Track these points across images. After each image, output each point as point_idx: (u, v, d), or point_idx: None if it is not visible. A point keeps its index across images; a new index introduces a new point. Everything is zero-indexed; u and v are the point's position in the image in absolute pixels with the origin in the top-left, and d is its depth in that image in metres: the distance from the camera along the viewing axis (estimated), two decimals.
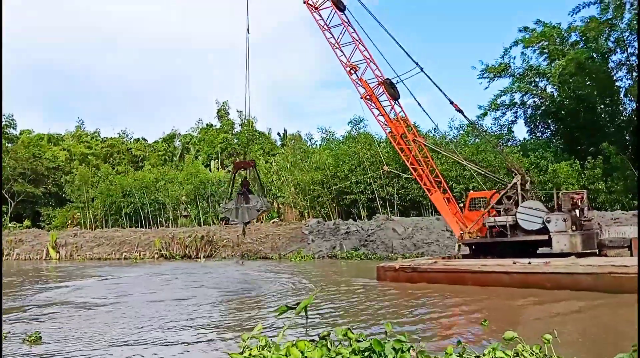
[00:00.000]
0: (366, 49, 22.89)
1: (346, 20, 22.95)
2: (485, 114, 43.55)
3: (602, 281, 15.44)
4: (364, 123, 43.62)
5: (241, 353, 5.56)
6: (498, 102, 42.45)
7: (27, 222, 54.27)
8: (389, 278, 19.66)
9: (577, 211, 20.56)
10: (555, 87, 41.88)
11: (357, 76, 23.08)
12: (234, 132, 72.08)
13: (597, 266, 16.21)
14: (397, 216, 39.67)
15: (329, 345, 6.70)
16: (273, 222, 43.24)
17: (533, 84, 42.09)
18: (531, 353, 7.22)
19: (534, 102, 43.04)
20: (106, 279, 23.57)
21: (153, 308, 14.12)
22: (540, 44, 40.75)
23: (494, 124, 45.82)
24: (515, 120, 44.06)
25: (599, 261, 17.35)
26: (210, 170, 57.78)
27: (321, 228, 35.37)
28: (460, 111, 25.55)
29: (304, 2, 23.33)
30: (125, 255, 36.31)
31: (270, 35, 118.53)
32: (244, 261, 31.43)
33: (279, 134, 79.31)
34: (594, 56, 38.33)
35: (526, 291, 15.48)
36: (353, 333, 6.90)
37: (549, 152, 39.12)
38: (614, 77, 39.59)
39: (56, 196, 58.81)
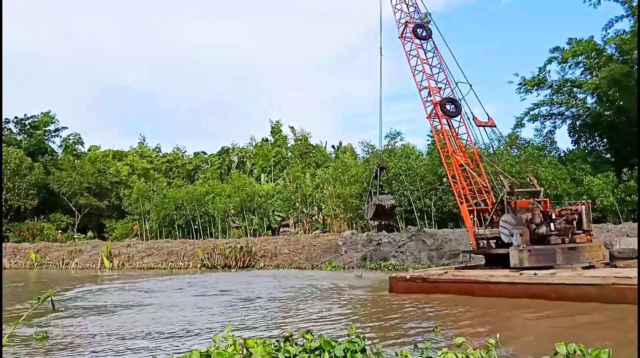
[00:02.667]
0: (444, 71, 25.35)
1: (432, 48, 25.53)
2: (520, 124, 43.34)
3: (606, 293, 15.76)
4: (400, 137, 44.28)
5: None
6: (534, 114, 42.18)
7: (90, 233, 58.22)
8: (401, 288, 20.42)
9: (551, 223, 20.28)
10: (594, 99, 41.23)
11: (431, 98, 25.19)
12: (287, 146, 74.38)
13: (601, 278, 16.55)
14: (435, 227, 40.05)
15: (286, 344, 7.79)
16: (315, 233, 44.55)
17: (571, 96, 41.52)
18: (479, 355, 8.14)
19: (572, 113, 42.32)
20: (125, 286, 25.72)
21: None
22: (574, 59, 40.26)
23: (536, 136, 45.46)
24: (554, 131, 43.52)
25: (603, 272, 17.51)
26: (260, 183, 59.90)
27: (354, 240, 36.34)
28: (494, 126, 26.81)
29: (400, 37, 25.94)
30: (171, 265, 38.64)
31: (342, 53, 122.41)
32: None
33: (333, 146, 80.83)
34: (630, 70, 37.37)
35: (532, 303, 15.75)
36: (312, 335, 8.00)
37: (587, 164, 38.42)
38: None
39: (118, 209, 62.68)
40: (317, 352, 8.36)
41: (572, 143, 46.17)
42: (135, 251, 42.35)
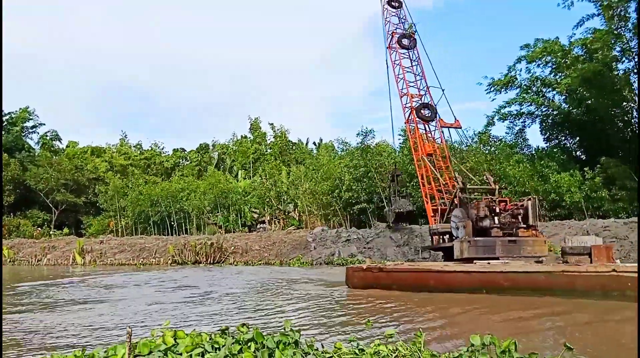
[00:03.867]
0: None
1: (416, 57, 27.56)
2: (490, 123, 44.10)
3: (556, 279, 16.34)
4: (372, 134, 44.75)
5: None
6: (504, 113, 42.88)
7: (66, 230, 58.12)
8: (357, 278, 20.76)
9: (496, 217, 20.87)
10: (563, 97, 41.97)
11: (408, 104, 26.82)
12: (266, 142, 74.53)
13: (552, 265, 17.13)
14: (406, 223, 40.51)
15: (215, 336, 8.10)
16: (288, 230, 44.90)
17: (541, 95, 42.23)
18: (406, 348, 8.56)
19: (542, 112, 43.05)
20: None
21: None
22: (543, 58, 40.93)
23: (508, 134, 46.17)
24: (523, 129, 44.26)
25: (554, 263, 18.14)
26: (238, 180, 60.12)
27: (324, 236, 36.75)
28: (460, 127, 27.88)
29: (387, 47, 27.92)
30: (142, 261, 38.83)
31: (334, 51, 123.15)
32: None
33: (314, 143, 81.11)
34: (601, 69, 38.05)
35: (488, 299, 16.12)
36: (248, 327, 8.38)
37: (553, 162, 39.11)
38: (618, 88, 39.21)
39: (95, 206, 62.59)
40: (248, 344, 8.80)
41: (543, 141, 46.93)
42: (108, 247, 42.46)
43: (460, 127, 29.37)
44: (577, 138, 44.78)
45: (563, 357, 9.74)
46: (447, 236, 22.76)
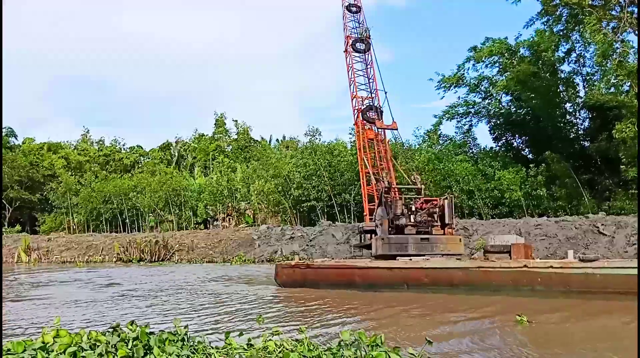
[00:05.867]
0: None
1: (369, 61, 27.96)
2: (439, 122, 44.91)
3: (473, 275, 17.06)
4: (319, 133, 45.31)
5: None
6: (452, 112, 43.70)
7: (18, 227, 57.37)
8: (286, 274, 21.16)
9: (411, 215, 21.45)
10: (509, 98, 43.01)
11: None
12: (228, 140, 74.47)
13: (469, 262, 17.81)
14: (355, 221, 41.11)
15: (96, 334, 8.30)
16: (239, 228, 45.08)
17: (487, 95, 43.17)
18: (290, 343, 8.96)
19: (487, 111, 43.99)
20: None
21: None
22: (491, 58, 41.78)
23: (457, 133, 47.04)
24: (471, 128, 45.16)
25: (471, 261, 18.79)
26: (194, 177, 60.09)
27: (269, 233, 37.10)
28: (396, 128, 28.56)
29: (344, 51, 28.22)
30: (88, 259, 38.70)
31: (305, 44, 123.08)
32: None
33: (277, 140, 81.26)
34: (537, 70, 39.02)
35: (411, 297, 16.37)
36: (136, 325, 8.58)
37: (496, 161, 40.09)
38: (559, 90, 40.32)
39: (50, 203, 61.89)
40: (134, 342, 9.10)
41: (492, 140, 47.91)
42: (55, 245, 42.16)
43: (397, 129, 30.06)
44: (524, 138, 45.86)
45: (425, 350, 10.33)
46: (374, 234, 23.32)
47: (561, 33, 38.51)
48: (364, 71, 27.83)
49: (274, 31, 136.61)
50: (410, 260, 18.96)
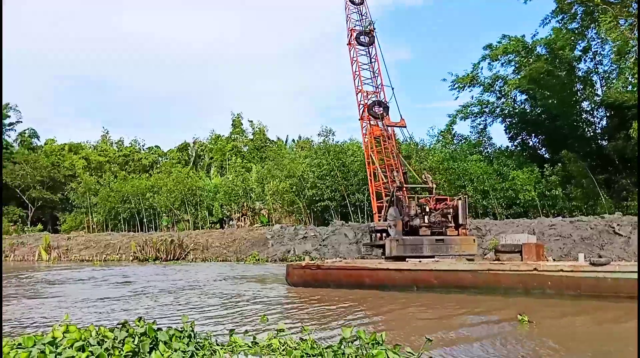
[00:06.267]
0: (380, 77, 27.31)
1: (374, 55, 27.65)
2: (453, 122, 44.69)
3: (481, 278, 17.01)
4: (332, 133, 45.43)
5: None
6: (466, 112, 43.48)
7: (40, 226, 58.66)
8: (296, 275, 21.39)
9: (426, 216, 21.37)
10: (524, 97, 42.64)
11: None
12: (245, 140, 75.01)
13: (478, 264, 17.75)
14: (368, 221, 41.15)
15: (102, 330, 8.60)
16: (254, 227, 45.42)
17: (502, 94, 42.83)
18: (294, 342, 9.22)
19: (501, 111, 43.65)
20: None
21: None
22: (507, 56, 41.42)
23: (472, 132, 46.79)
24: (485, 128, 44.87)
25: (481, 262, 18.75)
26: (210, 177, 60.70)
27: (282, 233, 37.34)
28: (404, 126, 28.48)
29: (348, 44, 27.97)
30: (105, 257, 39.40)
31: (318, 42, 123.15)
32: None
33: (293, 140, 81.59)
34: (553, 68, 38.55)
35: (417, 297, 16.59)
36: (144, 321, 8.90)
37: (512, 160, 39.77)
38: (577, 88, 39.82)
39: (71, 202, 63.18)
40: (141, 337, 9.44)
41: (508, 139, 47.53)
42: (75, 243, 42.98)
43: (405, 127, 29.90)
44: (540, 137, 45.42)
45: (425, 348, 10.45)
46: (385, 233, 23.32)
47: (576, 31, 38.13)
48: (369, 64, 27.52)
49: (292, 29, 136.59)
50: (420, 261, 18.97)
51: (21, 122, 71.30)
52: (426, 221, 21.07)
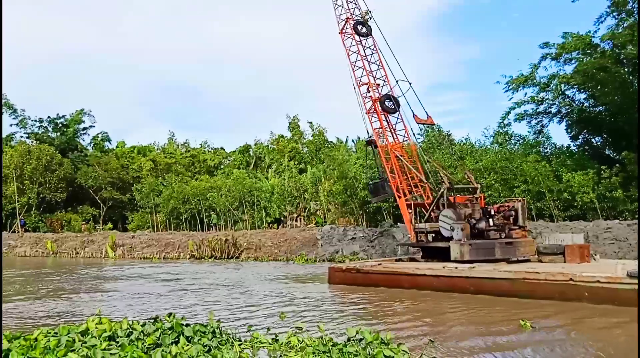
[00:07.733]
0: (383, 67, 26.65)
1: (372, 45, 26.92)
2: (505, 121, 43.82)
3: (518, 286, 16.98)
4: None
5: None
6: (520, 113, 42.53)
7: (110, 224, 62.23)
8: (338, 278, 22.04)
9: (490, 219, 21.33)
10: (584, 95, 41.12)
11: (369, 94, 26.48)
12: (303, 141, 76.18)
13: (514, 273, 17.64)
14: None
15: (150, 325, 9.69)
16: (306, 227, 46.25)
17: (559, 93, 41.46)
18: (311, 340, 10.13)
19: (557, 109, 42.28)
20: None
21: None
22: (568, 54, 40.00)
23: (530, 133, 45.60)
24: (542, 128, 43.56)
25: (518, 267, 18.58)
26: (268, 178, 62.11)
27: (331, 233, 37.89)
28: (433, 124, 28.20)
29: (340, 33, 27.30)
30: (165, 255, 41.40)
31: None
32: None
33: (353, 141, 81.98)
34: (611, 65, 36.94)
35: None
36: (175, 317, 10.07)
37: (572, 159, 38.49)
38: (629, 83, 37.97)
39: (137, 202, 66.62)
40: (169, 331, 10.62)
41: (569, 139, 45.96)
42: (138, 242, 45.34)
43: (434, 124, 29.48)
44: (603, 136, 43.65)
45: (429, 348, 10.93)
46: (432, 235, 23.31)
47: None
48: (370, 56, 26.75)
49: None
50: (456, 268, 18.98)
51: (94, 126, 75.74)
52: (491, 224, 21.15)
